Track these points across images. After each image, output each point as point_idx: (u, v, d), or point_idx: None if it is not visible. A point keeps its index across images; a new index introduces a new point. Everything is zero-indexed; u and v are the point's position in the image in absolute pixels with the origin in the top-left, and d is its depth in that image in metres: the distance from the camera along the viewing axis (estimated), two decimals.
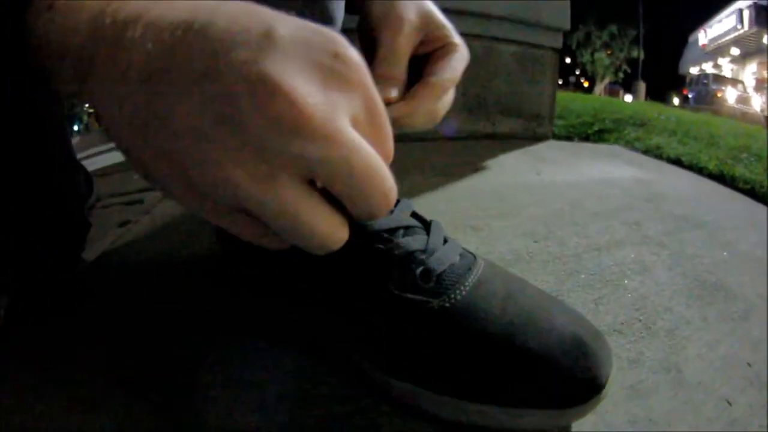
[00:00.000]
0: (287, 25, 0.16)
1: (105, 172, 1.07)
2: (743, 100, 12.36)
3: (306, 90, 0.15)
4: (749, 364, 0.37)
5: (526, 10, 1.35)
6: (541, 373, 0.26)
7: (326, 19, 0.33)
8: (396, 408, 0.29)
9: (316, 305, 0.32)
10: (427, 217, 0.34)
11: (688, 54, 19.39)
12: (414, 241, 0.30)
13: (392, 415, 0.29)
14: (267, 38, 0.16)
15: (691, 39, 19.46)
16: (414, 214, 0.33)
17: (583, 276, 0.50)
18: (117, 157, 1.08)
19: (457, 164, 1.02)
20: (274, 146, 0.15)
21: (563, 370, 0.26)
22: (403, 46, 0.29)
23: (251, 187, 0.16)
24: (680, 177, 1.04)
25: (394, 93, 0.27)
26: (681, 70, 19.60)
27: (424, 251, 0.29)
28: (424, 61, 0.31)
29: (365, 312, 0.29)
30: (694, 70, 18.11)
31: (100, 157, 1.24)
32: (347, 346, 0.32)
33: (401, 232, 0.30)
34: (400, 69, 0.30)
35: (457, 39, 0.33)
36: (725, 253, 0.58)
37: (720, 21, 17.20)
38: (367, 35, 0.30)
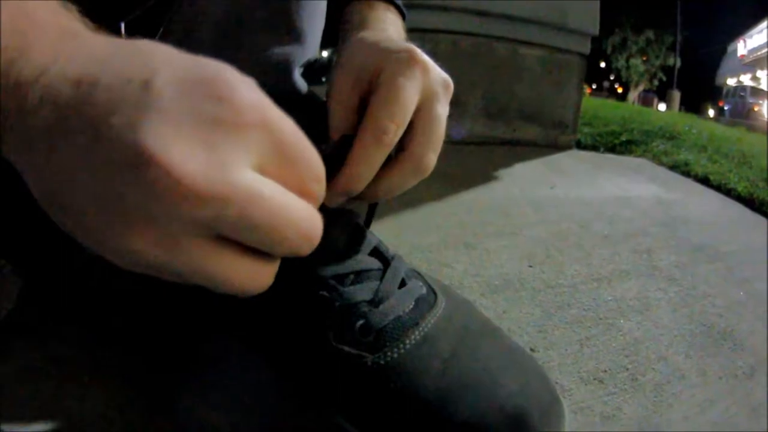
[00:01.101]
0: (169, 73, 0.15)
1: None
2: None
3: (185, 154, 0.14)
4: None
5: (553, 12, 1.28)
6: None
7: (294, 32, 0.31)
8: None
9: (256, 344, 0.30)
10: (421, 233, 0.31)
11: (726, 64, 18.48)
12: (361, 290, 0.27)
13: None
14: (145, 92, 0.15)
15: (729, 49, 18.53)
16: (375, 251, 0.30)
17: (574, 311, 0.46)
18: None
19: (468, 172, 0.98)
20: (164, 215, 0.15)
21: None
22: (340, 89, 0.27)
23: (154, 253, 0.15)
24: (705, 198, 0.97)
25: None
26: (717, 81, 18.73)
27: (370, 301, 0.27)
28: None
29: (303, 357, 0.27)
30: (731, 82, 17.33)
31: None
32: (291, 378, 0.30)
33: (351, 278, 0.28)
34: (342, 114, 0.27)
35: (402, 49, 0.27)
36: (741, 293, 0.53)
37: (761, 31, 16.31)
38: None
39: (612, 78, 19.63)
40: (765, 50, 15.80)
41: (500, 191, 0.86)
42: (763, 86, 15.04)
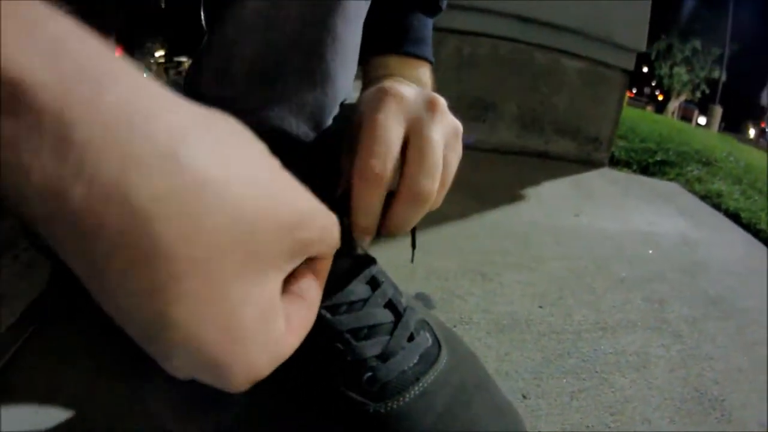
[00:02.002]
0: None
1: None
2: None
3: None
4: None
5: (599, 24, 1.25)
6: None
7: (328, 79, 0.32)
8: None
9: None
10: (440, 256, 0.34)
11: None
12: (372, 345, 0.31)
13: None
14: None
15: None
16: (389, 303, 0.34)
17: (572, 360, 0.49)
18: None
19: (495, 186, 1.00)
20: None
21: None
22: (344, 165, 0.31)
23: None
24: (734, 239, 0.96)
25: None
26: (762, 101, 17.41)
27: (379, 356, 0.30)
28: None
29: (313, 395, 0.32)
30: None
31: None
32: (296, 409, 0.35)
33: (365, 332, 0.31)
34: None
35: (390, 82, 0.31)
36: (744, 359, 0.54)
37: None
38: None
39: (653, 84, 18.64)
40: None
41: (524, 215, 0.88)
42: None
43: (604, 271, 0.69)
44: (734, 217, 1.06)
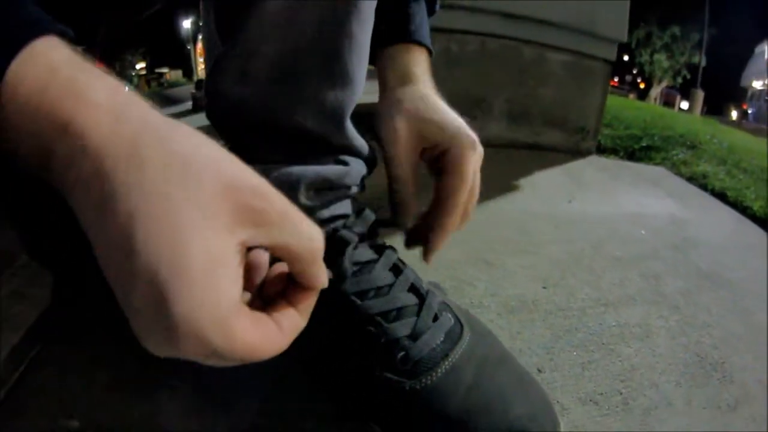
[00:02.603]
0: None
1: None
2: None
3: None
4: None
5: (582, 18, 1.29)
6: None
7: (346, 77, 0.34)
8: None
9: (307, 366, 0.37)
10: (446, 248, 0.38)
11: (752, 66, 17.64)
12: (401, 326, 0.33)
13: None
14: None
15: (756, 50, 17.64)
16: (412, 287, 0.36)
17: (580, 335, 0.52)
18: None
19: (491, 178, 1.02)
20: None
21: None
22: (401, 153, 0.36)
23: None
24: (721, 217, 1.00)
25: (404, 214, 0.38)
26: (743, 83, 17.96)
27: (409, 336, 0.33)
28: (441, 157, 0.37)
29: (351, 378, 0.34)
30: (756, 84, 16.65)
31: None
32: (335, 393, 0.37)
33: (393, 314, 0.33)
34: (405, 170, 0.37)
35: (463, 134, 0.36)
36: (739, 326, 0.57)
37: None
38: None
39: (635, 72, 19.01)
40: None
41: (521, 204, 0.91)
42: None
43: (600, 251, 0.72)
44: (720, 196, 1.10)
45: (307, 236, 0.21)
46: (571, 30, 1.31)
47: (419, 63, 0.40)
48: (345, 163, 0.36)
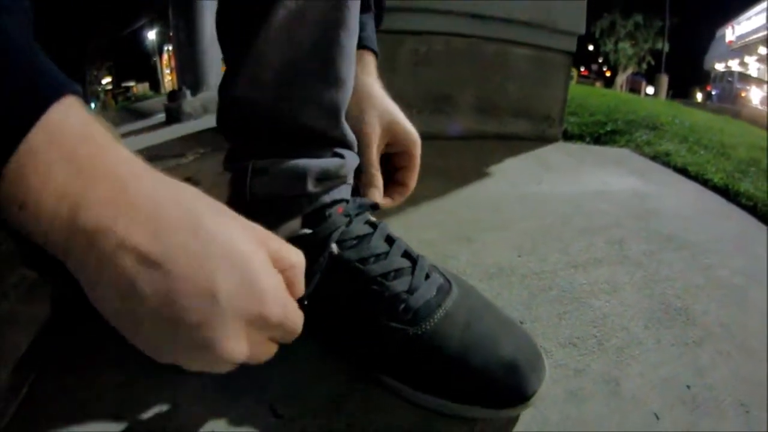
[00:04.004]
0: (230, 284, 0.23)
1: None
2: None
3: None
4: (688, 387, 0.42)
5: (541, 14, 1.36)
6: (483, 384, 0.35)
7: (339, 79, 0.39)
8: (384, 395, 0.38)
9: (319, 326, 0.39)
10: (425, 228, 0.41)
11: (715, 50, 18.70)
12: (400, 284, 0.38)
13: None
14: (214, 305, 0.23)
15: (718, 34, 18.74)
16: (405, 253, 0.40)
17: (554, 292, 0.55)
18: (129, 140, 1.15)
19: (462, 167, 1.06)
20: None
21: (498, 383, 0.35)
22: (374, 156, 0.45)
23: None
24: (682, 190, 1.06)
25: (377, 196, 0.46)
26: (706, 66, 18.98)
27: (407, 291, 0.37)
28: (392, 157, 0.49)
29: (361, 333, 0.38)
30: (719, 67, 17.59)
31: None
32: (346, 354, 0.40)
33: (392, 275, 0.38)
34: (375, 170, 0.46)
35: (416, 136, 0.49)
36: (701, 278, 0.62)
37: (749, 18, 16.51)
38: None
39: (600, 61, 19.75)
40: (753, 36, 16.00)
41: (493, 187, 0.94)
42: (750, 72, 15.29)
43: (568, 224, 0.76)
44: (683, 171, 1.16)
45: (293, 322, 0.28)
46: (531, 26, 1.38)
47: (368, 65, 0.49)
48: (341, 156, 0.41)
